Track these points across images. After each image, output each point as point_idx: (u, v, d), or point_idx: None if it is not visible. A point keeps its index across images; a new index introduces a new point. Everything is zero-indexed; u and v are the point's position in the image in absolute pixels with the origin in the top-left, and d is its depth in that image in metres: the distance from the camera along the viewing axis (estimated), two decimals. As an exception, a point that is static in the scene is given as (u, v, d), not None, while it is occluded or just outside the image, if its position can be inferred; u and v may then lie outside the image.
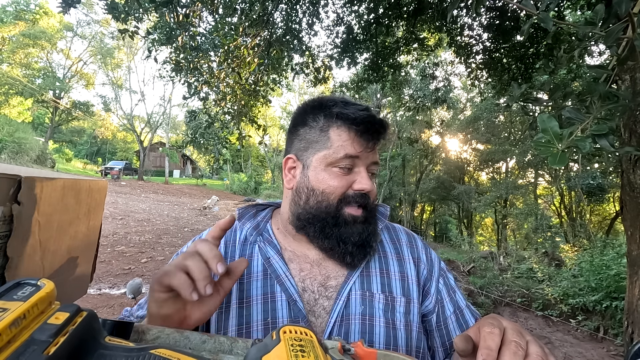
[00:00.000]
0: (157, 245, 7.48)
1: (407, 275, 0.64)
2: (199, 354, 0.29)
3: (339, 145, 0.59)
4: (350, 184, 0.60)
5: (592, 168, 11.57)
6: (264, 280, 0.60)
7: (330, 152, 0.59)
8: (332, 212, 0.59)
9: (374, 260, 0.64)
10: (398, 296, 0.61)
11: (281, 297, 0.58)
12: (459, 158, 16.85)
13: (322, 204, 0.59)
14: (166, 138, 30.43)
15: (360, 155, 0.59)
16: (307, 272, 0.62)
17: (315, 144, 0.61)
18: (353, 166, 0.60)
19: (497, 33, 4.28)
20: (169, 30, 3.73)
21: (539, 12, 0.82)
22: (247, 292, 0.59)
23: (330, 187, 0.59)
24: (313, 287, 0.60)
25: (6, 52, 21.94)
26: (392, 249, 0.67)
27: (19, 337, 0.23)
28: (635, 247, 2.26)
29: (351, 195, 0.59)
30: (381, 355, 0.35)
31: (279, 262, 0.62)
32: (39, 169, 0.72)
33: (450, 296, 0.65)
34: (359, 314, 0.58)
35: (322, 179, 0.60)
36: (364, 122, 0.59)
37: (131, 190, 16.53)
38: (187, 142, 6.07)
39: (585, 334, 6.63)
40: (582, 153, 0.76)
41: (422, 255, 0.68)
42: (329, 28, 4.87)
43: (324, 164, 0.60)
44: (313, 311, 0.58)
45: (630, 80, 2.10)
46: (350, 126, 0.59)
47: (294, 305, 0.57)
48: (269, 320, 0.57)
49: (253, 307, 0.58)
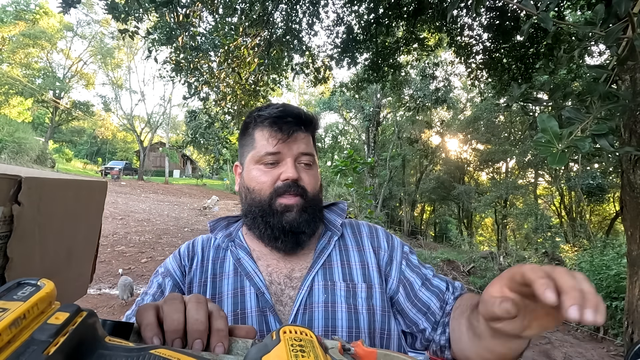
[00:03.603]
0: (157, 245, 7.48)
1: (367, 263, 0.68)
2: (198, 354, 0.29)
3: (261, 144, 0.65)
4: (277, 176, 0.64)
5: (592, 168, 11.57)
6: (235, 277, 0.66)
7: (256, 151, 0.66)
8: (265, 204, 0.64)
9: (336, 253, 0.69)
10: (359, 283, 0.65)
11: (250, 290, 0.64)
12: (459, 158, 16.85)
13: (255, 199, 0.66)
14: (166, 138, 30.42)
15: (281, 149, 0.64)
16: (273, 267, 0.67)
17: (247, 147, 0.69)
18: (279, 160, 0.65)
19: (497, 33, 4.28)
20: (169, 30, 3.73)
21: (539, 12, 0.82)
22: (218, 289, 0.65)
23: (259, 183, 0.65)
24: (279, 280, 0.65)
25: (6, 52, 21.94)
26: (353, 241, 0.72)
27: (19, 337, 0.23)
28: (635, 247, 2.26)
29: (281, 186, 0.64)
30: (381, 355, 0.35)
31: (248, 261, 0.67)
32: (39, 169, 0.72)
33: (415, 272, 0.68)
34: (321, 302, 0.62)
35: (253, 177, 0.66)
36: (277, 118, 0.64)
37: (131, 190, 16.54)
38: (187, 142, 6.08)
39: (585, 334, 6.63)
40: (582, 153, 0.76)
41: (383, 243, 0.72)
42: (329, 28, 4.87)
43: (253, 163, 0.67)
44: (280, 301, 0.63)
45: (630, 80, 2.10)
46: (267, 124, 0.65)
47: (262, 297, 0.62)
48: (238, 311, 0.62)
49: (224, 301, 0.64)
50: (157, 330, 0.35)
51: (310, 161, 0.68)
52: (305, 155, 0.66)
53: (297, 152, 0.65)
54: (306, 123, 0.67)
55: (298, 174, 0.64)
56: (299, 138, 0.66)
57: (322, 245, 0.70)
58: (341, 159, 5.30)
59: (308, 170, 0.67)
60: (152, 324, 0.36)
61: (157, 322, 0.36)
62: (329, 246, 0.69)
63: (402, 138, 15.48)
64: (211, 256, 0.70)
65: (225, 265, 0.68)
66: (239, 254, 0.68)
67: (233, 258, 0.68)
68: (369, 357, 0.35)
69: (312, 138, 0.71)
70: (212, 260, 0.69)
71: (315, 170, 0.69)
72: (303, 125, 0.66)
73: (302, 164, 0.66)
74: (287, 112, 0.65)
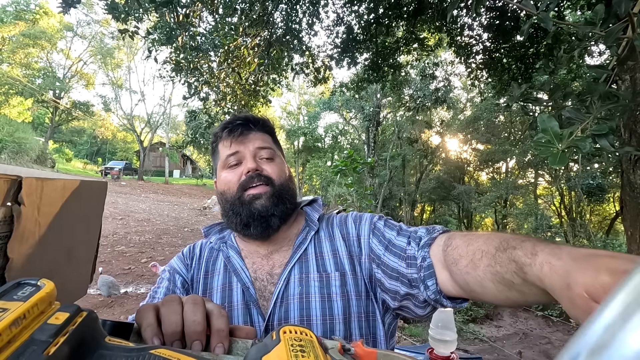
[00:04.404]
0: (157, 245, 7.48)
1: (337, 251, 0.71)
2: (198, 354, 0.29)
3: (223, 151, 0.74)
4: (241, 173, 0.71)
5: (592, 168, 11.56)
6: (224, 274, 0.72)
7: (221, 160, 0.74)
8: (235, 199, 0.70)
9: (311, 247, 0.73)
10: (332, 272, 0.68)
11: (237, 286, 0.69)
12: (459, 158, 16.84)
13: (227, 198, 0.72)
14: (166, 138, 30.40)
15: (238, 148, 0.72)
16: (258, 265, 0.72)
17: (216, 160, 0.77)
18: (240, 159, 0.72)
19: (497, 33, 4.28)
20: (169, 30, 3.73)
21: (539, 12, 0.82)
22: (209, 285, 0.72)
23: (227, 183, 0.72)
24: (262, 276, 0.70)
25: (6, 52, 21.92)
26: (326, 233, 0.75)
27: (19, 337, 0.23)
28: (635, 247, 2.26)
29: (245, 179, 0.70)
30: (381, 355, 0.35)
31: (236, 259, 0.73)
32: (39, 169, 0.72)
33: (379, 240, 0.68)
34: (297, 294, 0.66)
35: (222, 180, 0.73)
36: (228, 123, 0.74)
37: (131, 190, 16.53)
38: (187, 142, 6.09)
39: (585, 334, 6.61)
40: (582, 153, 0.76)
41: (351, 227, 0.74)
42: (329, 28, 4.87)
43: (221, 169, 0.74)
44: (263, 296, 0.68)
45: (630, 80, 2.10)
46: (224, 134, 0.74)
47: (247, 292, 0.68)
48: (225, 304, 0.67)
49: (214, 295, 0.70)
50: (157, 331, 0.35)
51: (271, 155, 0.74)
52: (262, 149, 0.73)
53: (254, 148, 0.72)
54: (255, 123, 0.75)
55: (259, 166, 0.71)
56: (253, 137, 0.74)
57: (300, 240, 0.73)
58: (341, 159, 5.31)
59: (270, 162, 0.73)
60: (152, 324, 0.36)
61: (157, 323, 0.36)
62: (305, 241, 0.73)
63: (402, 138, 15.47)
64: (205, 255, 0.77)
65: (217, 263, 0.74)
66: (229, 253, 0.74)
67: (223, 256, 0.74)
68: (369, 357, 0.35)
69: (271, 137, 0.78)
70: (206, 259, 0.76)
71: (278, 162, 0.75)
72: (253, 125, 0.74)
73: (264, 159, 0.73)
74: (237, 117, 0.75)
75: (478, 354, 5.29)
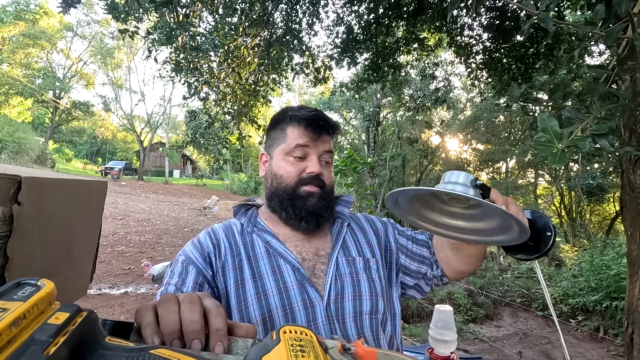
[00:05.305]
0: (157, 245, 7.48)
1: (371, 242, 0.86)
2: (198, 354, 0.29)
3: (292, 139, 0.78)
4: (303, 169, 0.77)
5: (592, 168, 11.56)
6: (269, 258, 0.76)
7: (286, 144, 0.78)
8: (290, 190, 0.77)
9: (348, 236, 0.84)
10: (371, 258, 0.82)
11: (286, 267, 0.74)
12: (459, 158, 16.82)
13: (281, 184, 0.78)
14: (166, 138, 30.41)
15: (309, 145, 0.77)
16: (301, 247, 0.78)
17: (277, 140, 0.81)
18: (305, 155, 0.78)
19: (497, 33, 4.28)
20: (169, 30, 3.73)
21: (539, 12, 0.82)
22: (257, 269, 0.74)
23: (286, 172, 0.77)
24: (309, 257, 0.77)
25: (6, 52, 21.91)
26: (358, 227, 0.89)
27: (19, 337, 0.23)
28: (635, 247, 2.26)
29: (306, 178, 0.77)
30: (381, 355, 0.35)
31: (277, 243, 0.77)
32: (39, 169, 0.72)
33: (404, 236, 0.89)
34: (348, 273, 0.76)
35: (281, 166, 0.78)
36: (309, 119, 0.77)
37: (131, 190, 16.53)
38: (187, 142, 6.08)
39: (585, 334, 6.62)
40: (582, 153, 0.76)
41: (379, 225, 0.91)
42: (329, 28, 4.86)
43: (282, 154, 0.79)
44: (314, 274, 0.75)
45: (630, 80, 2.10)
46: (300, 123, 0.78)
47: (298, 272, 0.73)
48: (281, 286, 0.72)
49: (265, 279, 0.73)
50: (156, 329, 0.35)
51: (330, 159, 0.82)
52: (327, 153, 0.80)
53: (322, 150, 0.79)
54: (333, 128, 0.81)
55: (321, 170, 0.77)
56: (324, 139, 0.79)
57: (337, 230, 0.84)
58: (341, 159, 5.30)
59: (327, 166, 0.81)
60: (151, 323, 0.36)
61: (156, 322, 0.36)
62: (342, 230, 0.84)
63: (402, 138, 15.45)
64: (240, 241, 0.78)
65: (256, 248, 0.77)
66: (266, 237, 0.78)
67: (262, 241, 0.78)
68: (369, 357, 0.35)
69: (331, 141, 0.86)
70: (242, 245, 0.78)
71: (331, 167, 0.84)
72: (330, 130, 0.80)
73: (324, 162, 0.80)
74: (319, 116, 0.79)
75: (478, 354, 5.29)
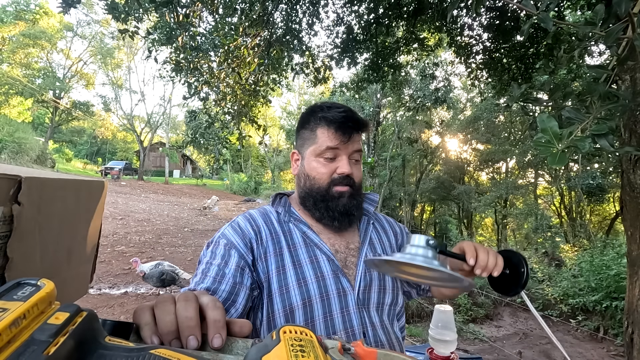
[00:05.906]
0: (157, 245, 7.48)
1: (391, 242, 0.92)
2: (198, 354, 0.29)
3: (322, 141, 0.79)
4: (334, 169, 0.80)
5: (592, 168, 11.56)
6: (306, 247, 0.80)
7: (317, 146, 0.80)
8: (323, 191, 0.80)
9: (374, 233, 0.90)
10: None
11: (322, 257, 0.79)
12: (459, 158, 16.82)
13: (314, 185, 0.81)
14: (166, 138, 30.40)
15: (340, 146, 0.79)
16: (334, 240, 0.83)
17: (308, 141, 0.82)
18: (335, 156, 0.79)
19: (497, 33, 4.27)
20: (169, 30, 3.73)
21: (539, 12, 0.82)
22: (296, 257, 0.78)
23: (318, 174, 0.80)
24: (341, 249, 0.82)
25: (6, 52, 21.90)
26: (381, 227, 0.94)
27: (19, 337, 0.23)
28: (635, 247, 2.26)
29: (337, 178, 0.80)
30: (381, 355, 0.35)
31: (313, 235, 0.81)
32: (39, 169, 0.72)
33: None
34: None
35: (313, 167, 0.81)
36: (340, 121, 0.78)
37: (131, 190, 16.53)
38: (187, 142, 6.07)
39: (585, 334, 6.62)
40: (581, 153, 0.76)
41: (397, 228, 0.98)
42: (329, 28, 4.86)
43: (313, 155, 0.81)
44: (346, 265, 0.80)
45: (630, 80, 2.10)
46: (330, 125, 0.79)
47: (332, 263, 0.78)
48: (318, 274, 0.76)
49: (305, 267, 0.77)
50: (155, 329, 0.36)
51: (359, 157, 0.84)
52: (357, 152, 0.82)
53: (352, 150, 0.81)
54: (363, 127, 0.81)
55: (351, 170, 0.80)
56: (354, 139, 0.80)
57: (364, 226, 0.89)
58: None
59: (357, 164, 0.83)
60: (149, 324, 0.36)
61: (154, 322, 0.36)
62: (369, 228, 0.90)
63: (402, 138, 15.44)
64: (279, 230, 0.81)
65: (294, 237, 0.81)
66: (303, 228, 0.82)
67: (299, 231, 0.81)
68: (369, 357, 0.35)
69: None
70: (281, 233, 0.81)
71: (360, 165, 0.86)
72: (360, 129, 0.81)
73: (353, 160, 0.82)
74: (349, 117, 0.79)
75: (478, 354, 5.29)
